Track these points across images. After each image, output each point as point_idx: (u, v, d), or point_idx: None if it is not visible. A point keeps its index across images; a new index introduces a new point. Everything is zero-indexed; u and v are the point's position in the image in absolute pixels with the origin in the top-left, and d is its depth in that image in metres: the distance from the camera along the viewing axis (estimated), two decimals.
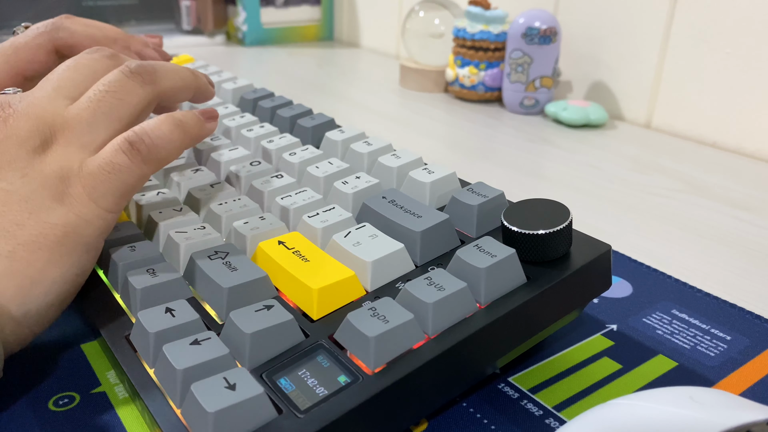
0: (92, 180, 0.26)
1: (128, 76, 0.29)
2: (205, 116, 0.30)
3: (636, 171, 0.54)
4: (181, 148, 0.28)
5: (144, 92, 0.29)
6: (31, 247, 0.25)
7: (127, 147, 0.27)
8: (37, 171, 0.26)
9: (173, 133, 0.28)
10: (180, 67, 0.32)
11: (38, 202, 0.26)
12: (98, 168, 0.26)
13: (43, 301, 0.25)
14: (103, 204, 0.26)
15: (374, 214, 0.31)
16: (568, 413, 0.27)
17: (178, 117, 0.28)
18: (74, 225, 0.26)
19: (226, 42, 1.04)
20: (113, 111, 0.28)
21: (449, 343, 0.24)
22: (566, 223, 0.27)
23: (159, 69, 0.30)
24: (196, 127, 0.29)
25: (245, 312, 0.25)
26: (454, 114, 0.68)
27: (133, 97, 0.29)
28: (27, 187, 0.26)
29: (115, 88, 0.28)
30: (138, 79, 0.29)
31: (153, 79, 0.30)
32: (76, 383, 0.28)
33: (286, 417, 0.21)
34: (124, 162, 0.26)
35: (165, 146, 0.28)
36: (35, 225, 0.25)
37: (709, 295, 0.35)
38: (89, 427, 0.26)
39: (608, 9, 0.68)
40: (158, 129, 0.27)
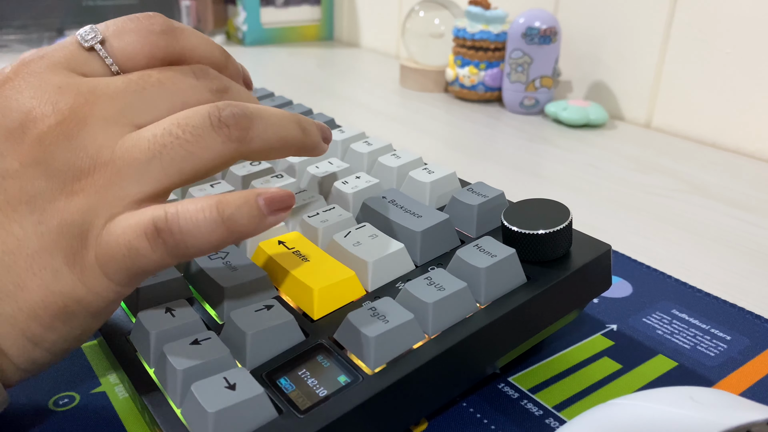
0: (107, 252, 0.22)
1: (214, 125, 0.22)
2: (271, 208, 0.22)
3: (636, 171, 0.54)
4: (220, 247, 0.22)
5: (225, 150, 0.23)
6: (30, 315, 0.22)
7: (152, 233, 0.21)
8: (56, 219, 0.22)
9: (212, 232, 0.22)
10: (288, 117, 0.25)
11: (47, 261, 0.22)
12: (116, 244, 0.21)
13: (47, 354, 0.23)
14: (115, 279, 0.22)
15: (374, 214, 0.31)
16: (568, 413, 0.27)
17: (227, 211, 0.22)
18: (80, 296, 0.22)
19: (226, 42, 1.04)
20: (174, 163, 0.22)
21: (449, 343, 0.24)
22: (566, 223, 0.27)
23: (257, 121, 0.23)
24: (248, 226, 0.22)
25: (245, 312, 0.25)
26: (454, 114, 0.68)
27: (206, 153, 0.22)
28: (39, 240, 0.22)
29: (189, 136, 0.22)
30: (224, 132, 0.22)
31: (245, 136, 0.23)
32: (76, 383, 0.28)
33: (286, 417, 0.21)
34: (143, 249, 0.21)
35: (196, 244, 0.22)
36: (37, 291, 0.22)
37: (709, 295, 0.35)
38: (89, 427, 0.26)
39: (608, 9, 0.68)
40: (193, 222, 0.21)
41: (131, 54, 0.25)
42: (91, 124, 0.22)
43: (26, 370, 0.23)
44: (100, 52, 0.24)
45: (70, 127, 0.22)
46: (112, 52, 0.24)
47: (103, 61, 0.24)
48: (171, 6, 1.06)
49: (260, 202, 0.22)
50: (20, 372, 0.23)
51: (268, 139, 0.24)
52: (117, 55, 0.24)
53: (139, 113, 0.23)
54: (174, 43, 0.25)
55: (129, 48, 0.25)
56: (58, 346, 0.23)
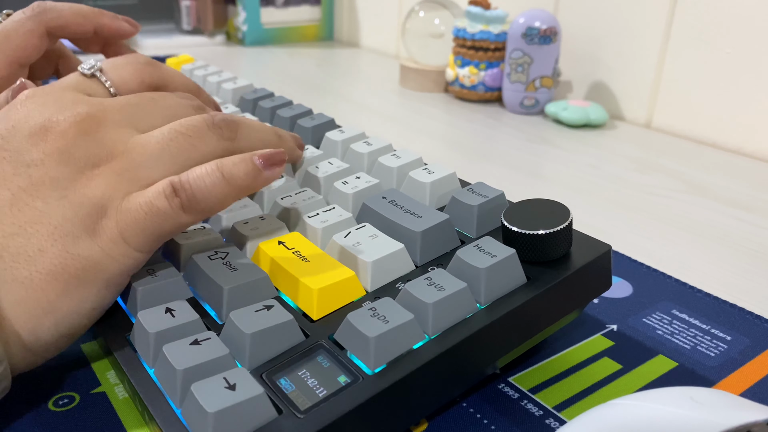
0: (127, 217, 0.25)
1: (209, 125, 0.27)
2: (267, 162, 0.27)
3: (636, 171, 0.54)
4: (226, 201, 0.26)
5: (219, 146, 0.28)
6: (48, 277, 0.24)
7: (170, 192, 0.25)
8: (78, 195, 0.25)
9: (216, 186, 0.26)
10: (267, 128, 0.31)
11: (68, 228, 0.24)
12: (137, 206, 0.25)
13: (54, 331, 0.24)
14: (133, 243, 0.25)
15: (374, 214, 0.31)
16: (568, 413, 0.27)
17: (227, 168, 0.26)
18: (97, 260, 0.24)
19: (226, 42, 1.04)
20: (180, 153, 0.26)
21: (449, 343, 0.24)
22: (566, 223, 0.27)
23: (243, 127, 0.29)
24: (247, 179, 0.26)
25: (245, 312, 0.25)
26: (454, 114, 0.68)
27: (205, 146, 0.27)
28: (62, 210, 0.24)
29: (191, 132, 0.27)
30: (217, 132, 0.28)
31: (233, 135, 0.28)
32: (76, 383, 0.28)
33: (286, 417, 0.21)
34: (163, 206, 0.25)
35: (206, 199, 0.26)
36: (57, 254, 0.24)
37: (709, 295, 0.35)
38: (89, 427, 0.26)
39: (608, 9, 0.68)
40: (201, 180, 0.25)
41: (126, 79, 0.30)
42: (105, 124, 0.26)
43: (30, 348, 0.24)
44: (100, 78, 0.30)
45: (88, 125, 0.26)
46: (110, 78, 0.30)
47: (103, 85, 0.30)
48: (171, 6, 1.06)
49: (255, 159, 0.27)
50: (24, 351, 0.24)
51: (252, 140, 0.29)
52: (114, 80, 0.30)
53: (141, 121, 0.28)
54: (158, 72, 0.32)
55: (123, 74, 0.30)
56: (67, 320, 0.24)
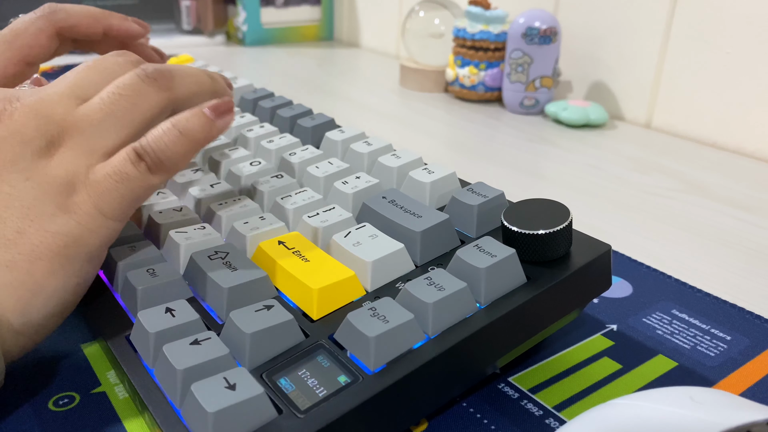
0: (99, 188, 0.25)
1: (144, 80, 0.28)
2: (216, 112, 0.28)
3: (636, 171, 0.54)
4: (188, 156, 0.27)
5: (158, 98, 0.28)
6: (31, 257, 0.24)
7: (135, 157, 0.26)
8: (42, 174, 0.25)
9: (176, 144, 0.26)
10: (198, 70, 0.31)
11: (41, 208, 0.25)
12: (105, 176, 0.25)
13: (44, 311, 0.25)
14: (109, 213, 0.26)
15: (374, 214, 0.31)
16: (568, 413, 0.27)
17: (182, 124, 0.27)
18: (77, 234, 0.25)
19: (226, 42, 1.04)
20: (125, 115, 0.27)
21: (449, 343, 0.24)
22: (566, 223, 0.27)
23: (176, 74, 0.29)
24: (203, 131, 0.27)
25: (245, 312, 0.25)
26: (454, 114, 0.68)
27: (146, 102, 0.27)
28: (30, 192, 0.25)
29: (128, 92, 0.27)
30: (154, 84, 0.28)
31: (169, 84, 0.28)
32: (76, 383, 0.28)
33: (286, 417, 0.21)
34: (131, 172, 0.26)
35: (170, 157, 0.26)
36: (36, 233, 0.24)
37: (709, 295, 0.35)
38: (89, 427, 0.26)
39: (608, 9, 0.68)
40: (160, 140, 0.26)
41: None
42: (49, 102, 0.27)
43: (21, 331, 0.24)
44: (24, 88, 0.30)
45: (34, 105, 0.26)
46: None
47: None
48: (171, 6, 1.06)
49: (206, 110, 0.28)
50: (15, 336, 0.24)
51: (188, 85, 0.29)
52: None
53: (84, 90, 0.28)
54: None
55: None
56: (55, 299, 0.25)
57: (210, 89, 0.31)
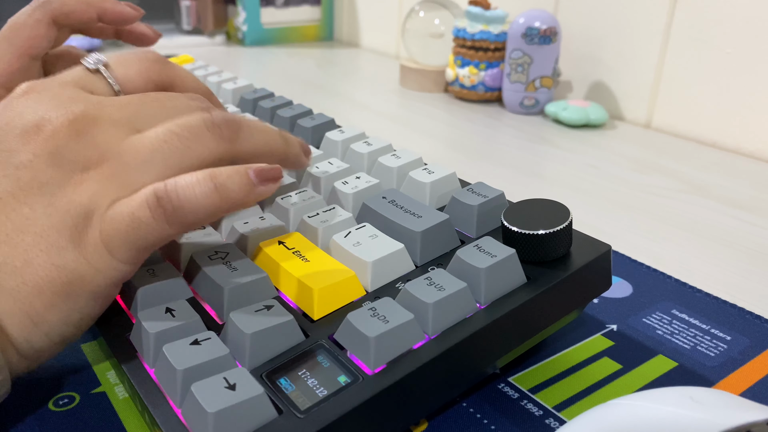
0: (111, 227, 0.23)
1: (208, 126, 0.25)
2: (260, 178, 0.25)
3: (636, 171, 0.54)
4: (215, 214, 0.24)
5: (217, 148, 0.26)
6: (34, 290, 0.23)
7: (154, 202, 0.23)
8: (65, 202, 0.24)
9: (207, 198, 0.24)
10: (271, 129, 0.28)
11: (53, 238, 0.23)
12: (120, 216, 0.23)
13: (47, 339, 0.24)
14: (118, 255, 0.24)
15: (374, 214, 0.31)
16: (568, 413, 0.27)
17: (220, 179, 0.24)
18: (82, 272, 0.24)
19: (226, 42, 1.04)
20: (174, 155, 0.25)
21: (449, 343, 0.24)
22: (566, 223, 0.27)
23: (244, 128, 0.27)
24: (239, 193, 0.24)
25: (245, 312, 0.25)
26: (454, 114, 0.68)
27: (202, 148, 0.25)
28: (47, 219, 0.23)
29: (186, 133, 0.25)
30: (216, 132, 0.26)
31: (233, 136, 0.26)
32: (76, 383, 0.28)
33: (286, 417, 0.21)
34: (146, 217, 0.23)
35: (193, 211, 0.24)
36: (42, 266, 0.23)
37: (709, 295, 0.35)
38: (89, 427, 0.26)
39: (608, 9, 0.68)
40: (190, 190, 0.24)
41: (131, 76, 0.29)
42: (100, 125, 0.25)
43: (25, 356, 0.24)
44: (104, 74, 0.28)
45: (81, 125, 0.24)
46: (114, 75, 0.28)
47: (107, 81, 0.28)
48: (171, 6, 1.06)
49: (250, 173, 0.25)
50: (20, 358, 0.24)
51: (255, 143, 0.27)
52: (119, 77, 0.28)
53: (142, 122, 0.26)
54: (167, 71, 0.30)
55: (129, 71, 0.29)
56: (57, 330, 0.24)
57: (281, 152, 0.29)
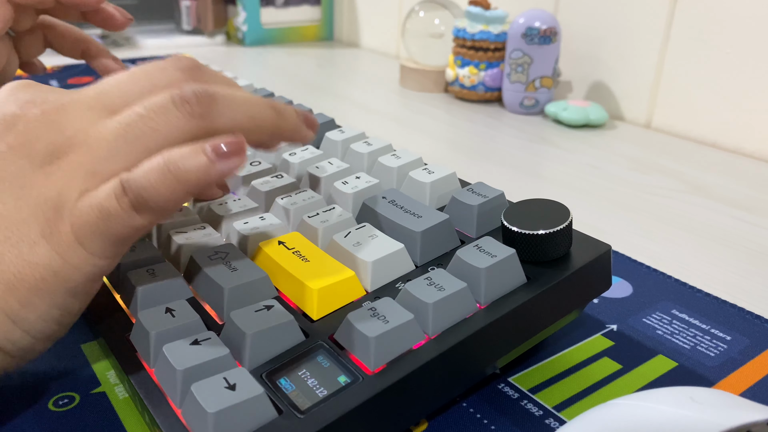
0: (80, 219, 0.22)
1: (175, 102, 0.23)
2: (218, 152, 0.22)
3: (636, 171, 0.54)
4: (177, 199, 0.23)
5: (187, 126, 0.23)
6: (7, 287, 0.22)
7: (120, 191, 0.22)
8: (34, 194, 0.23)
9: (163, 183, 0.22)
10: (257, 100, 0.26)
11: (24, 232, 0.22)
12: (89, 209, 0.22)
13: (28, 338, 0.23)
14: (92, 249, 0.23)
15: (374, 214, 0.31)
16: (568, 413, 0.27)
17: (173, 161, 0.22)
18: (56, 268, 0.22)
19: (226, 42, 1.04)
20: (139, 139, 0.23)
21: (449, 343, 0.24)
22: (566, 223, 0.27)
23: (220, 101, 0.24)
24: (196, 174, 0.22)
25: (245, 312, 0.25)
26: (454, 114, 0.68)
27: (169, 128, 0.23)
28: (18, 213, 0.22)
29: (152, 114, 0.23)
30: (185, 109, 0.23)
31: (205, 112, 0.24)
32: (76, 383, 0.28)
33: (286, 417, 0.21)
34: (114, 208, 0.22)
35: (154, 198, 0.22)
36: (15, 262, 0.22)
37: (709, 295, 0.35)
38: (89, 427, 0.26)
39: (608, 9, 0.68)
40: (145, 177, 0.22)
41: None
42: (70, 110, 0.24)
43: (10, 354, 0.23)
44: None
45: (52, 113, 0.24)
46: None
47: None
48: (171, 6, 1.06)
49: (207, 148, 0.22)
50: (5, 357, 0.23)
51: (234, 116, 0.24)
52: None
53: (114, 99, 0.25)
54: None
55: None
56: (37, 327, 0.23)
57: (270, 125, 0.26)
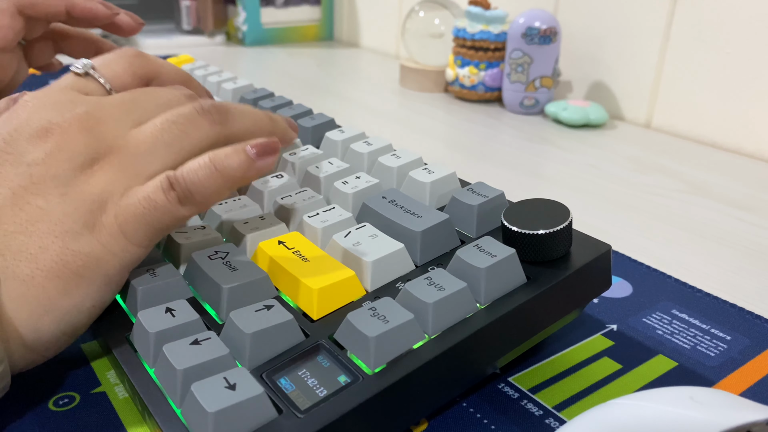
0: (127, 211, 0.25)
1: (199, 112, 0.28)
2: (258, 152, 0.27)
3: (636, 171, 0.54)
4: (221, 192, 0.26)
5: (212, 131, 0.28)
6: (49, 275, 0.24)
7: (167, 186, 0.25)
8: (78, 191, 0.25)
9: (210, 179, 0.26)
10: (257, 111, 0.31)
11: (68, 225, 0.24)
12: (137, 201, 0.25)
13: (55, 329, 0.24)
14: (133, 238, 0.25)
15: (374, 214, 0.31)
16: (568, 413, 0.27)
17: (219, 160, 0.26)
18: (97, 256, 0.25)
19: (226, 42, 1.04)
20: (174, 143, 0.27)
21: (449, 343, 0.24)
22: (566, 223, 0.27)
23: (232, 111, 0.29)
24: (240, 170, 0.26)
25: (245, 312, 0.25)
26: (454, 114, 0.68)
27: (198, 133, 0.28)
28: (62, 207, 0.25)
29: (182, 121, 0.27)
30: (208, 117, 0.28)
31: (224, 119, 0.29)
32: (76, 383, 0.28)
33: (286, 417, 0.21)
34: (161, 200, 0.25)
35: (201, 191, 0.26)
36: (58, 251, 0.24)
37: (709, 295, 0.35)
38: (89, 427, 0.26)
39: (608, 9, 0.68)
40: (194, 173, 0.26)
41: (118, 73, 0.31)
42: (104, 121, 0.27)
43: (31, 347, 0.24)
44: (94, 75, 0.30)
45: (87, 123, 0.26)
46: (103, 74, 0.30)
47: (98, 82, 0.30)
48: (171, 6, 1.06)
49: (248, 148, 0.27)
50: (25, 351, 0.24)
51: (244, 123, 0.30)
52: (107, 75, 0.30)
53: (139, 114, 0.28)
54: (149, 64, 0.33)
55: (116, 69, 0.31)
56: (68, 318, 0.25)
57: (268, 129, 0.31)
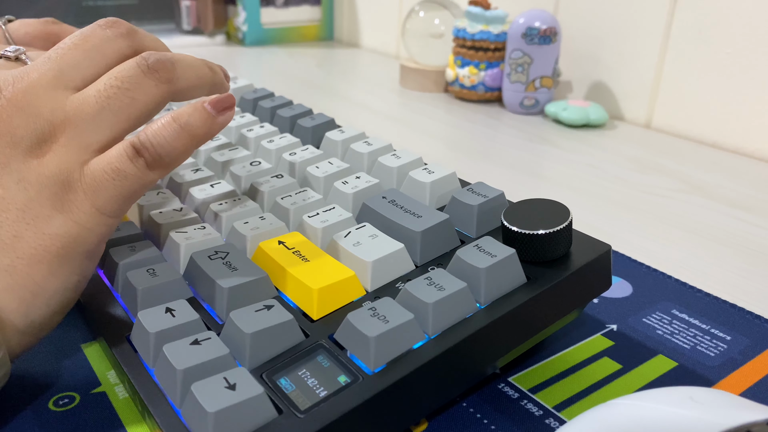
0: (94, 185, 0.25)
1: (145, 72, 0.26)
2: (217, 108, 0.27)
3: (636, 171, 0.54)
4: (188, 151, 0.27)
5: (159, 91, 0.27)
6: (30, 261, 0.24)
7: (132, 153, 0.25)
8: (35, 174, 0.24)
9: (177, 139, 0.26)
10: (199, 61, 0.30)
11: (36, 210, 0.24)
12: (102, 173, 0.25)
13: (46, 309, 0.25)
14: (106, 210, 0.25)
15: (374, 214, 0.31)
16: (568, 413, 0.27)
17: (183, 119, 0.26)
18: (75, 234, 0.25)
19: (226, 42, 1.04)
20: (122, 110, 0.26)
21: (449, 343, 0.24)
22: (566, 223, 0.27)
23: (178, 66, 0.28)
24: (203, 127, 0.27)
25: (245, 312, 0.25)
26: (454, 114, 0.68)
27: (146, 96, 0.26)
28: (24, 193, 0.24)
29: (128, 85, 0.26)
30: (154, 77, 0.26)
31: (171, 76, 0.27)
32: (76, 383, 0.28)
33: (286, 417, 0.21)
34: (128, 168, 0.25)
35: (169, 153, 0.26)
36: (34, 237, 0.24)
37: (709, 295, 0.35)
38: (89, 427, 0.26)
39: (608, 9, 0.68)
40: (160, 135, 0.26)
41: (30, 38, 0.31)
42: (36, 93, 0.25)
43: (24, 332, 0.24)
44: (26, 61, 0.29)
45: (18, 99, 0.25)
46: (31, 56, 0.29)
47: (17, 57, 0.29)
48: (171, 6, 1.06)
49: (207, 105, 0.27)
50: (19, 336, 0.24)
51: (189, 78, 0.28)
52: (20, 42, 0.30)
53: (71, 76, 0.26)
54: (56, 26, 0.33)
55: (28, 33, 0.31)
56: (57, 298, 0.25)
57: (210, 81, 0.30)
